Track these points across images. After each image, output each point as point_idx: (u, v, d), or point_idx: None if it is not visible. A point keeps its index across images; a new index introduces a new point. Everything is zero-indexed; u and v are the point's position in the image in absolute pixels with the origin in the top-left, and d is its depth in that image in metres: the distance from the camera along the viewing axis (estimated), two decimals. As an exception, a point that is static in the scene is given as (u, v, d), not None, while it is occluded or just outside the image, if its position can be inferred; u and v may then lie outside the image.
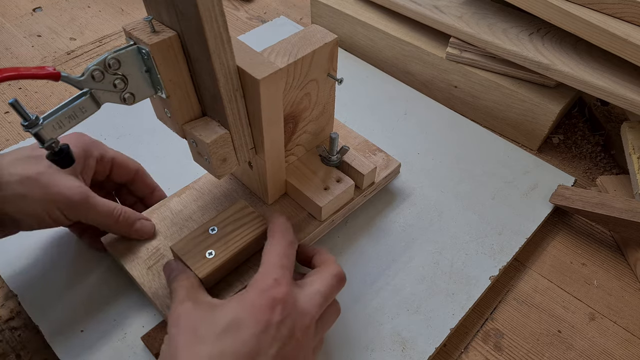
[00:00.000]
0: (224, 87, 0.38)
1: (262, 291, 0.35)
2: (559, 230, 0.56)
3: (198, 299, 0.38)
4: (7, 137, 0.63)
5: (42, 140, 0.35)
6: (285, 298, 0.35)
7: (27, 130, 0.34)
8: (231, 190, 0.52)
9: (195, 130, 0.41)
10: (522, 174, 0.59)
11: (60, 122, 0.35)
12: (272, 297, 0.35)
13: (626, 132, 0.58)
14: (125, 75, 0.37)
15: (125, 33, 0.38)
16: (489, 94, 0.65)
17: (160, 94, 0.39)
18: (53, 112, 0.35)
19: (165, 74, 0.38)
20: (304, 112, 0.47)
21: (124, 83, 0.37)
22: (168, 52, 0.37)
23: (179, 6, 0.34)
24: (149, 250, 0.46)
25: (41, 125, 0.34)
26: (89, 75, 0.35)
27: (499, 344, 0.47)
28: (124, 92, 0.38)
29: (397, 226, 0.53)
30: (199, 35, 0.35)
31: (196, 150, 0.42)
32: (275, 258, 0.39)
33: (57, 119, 0.35)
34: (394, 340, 0.44)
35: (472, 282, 0.49)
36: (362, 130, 0.60)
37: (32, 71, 0.33)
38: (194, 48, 0.36)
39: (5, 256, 0.49)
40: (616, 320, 0.49)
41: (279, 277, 0.37)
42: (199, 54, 0.36)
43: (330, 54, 0.44)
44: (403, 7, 0.68)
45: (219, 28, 0.35)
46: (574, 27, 0.55)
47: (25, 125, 0.33)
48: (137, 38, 0.36)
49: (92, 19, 0.83)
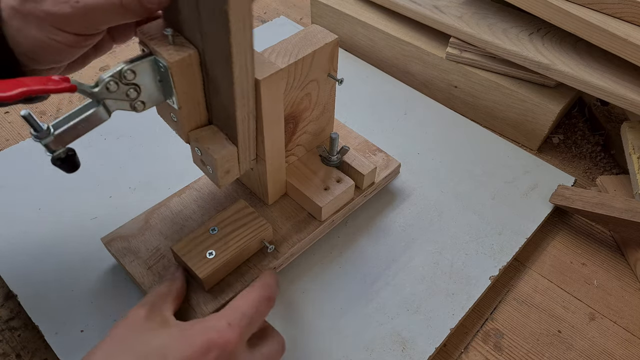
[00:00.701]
0: (240, 109, 0.38)
1: (206, 329, 0.33)
2: (559, 230, 0.56)
3: (157, 310, 0.36)
4: (7, 137, 0.63)
5: (52, 150, 0.34)
6: (225, 346, 0.33)
7: (37, 140, 0.33)
8: (231, 190, 0.52)
9: (202, 141, 0.40)
10: (522, 174, 0.59)
11: (71, 131, 0.35)
12: (212, 340, 0.32)
13: (626, 132, 0.58)
14: (139, 85, 0.37)
15: (139, 40, 0.37)
16: (489, 94, 0.65)
17: (171, 103, 0.39)
18: (63, 120, 0.34)
19: (181, 88, 0.37)
20: (305, 113, 0.47)
21: (136, 92, 0.37)
22: (187, 69, 0.36)
23: (207, 32, 0.34)
24: (149, 250, 0.46)
25: (52, 136, 0.34)
26: (103, 87, 0.35)
27: (499, 344, 0.47)
28: (135, 100, 0.37)
29: (397, 226, 0.53)
30: (224, 63, 0.34)
31: (199, 157, 0.42)
32: (243, 303, 0.36)
33: (68, 129, 0.35)
34: (394, 340, 0.44)
35: (472, 282, 0.49)
36: (362, 130, 0.60)
37: (48, 86, 0.32)
38: (215, 70, 0.36)
39: (5, 256, 0.49)
40: (616, 320, 0.49)
41: (233, 323, 0.34)
42: (219, 77, 0.36)
43: (330, 54, 0.44)
44: (403, 7, 0.68)
45: (246, 61, 0.35)
46: (573, 27, 0.55)
47: (35, 136, 0.33)
48: (154, 50, 0.36)
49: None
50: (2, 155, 0.58)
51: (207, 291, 0.43)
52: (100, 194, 0.55)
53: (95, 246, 0.48)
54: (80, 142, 0.60)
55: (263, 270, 0.44)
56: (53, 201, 0.54)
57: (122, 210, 0.52)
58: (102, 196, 0.54)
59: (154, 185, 0.56)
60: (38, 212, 0.53)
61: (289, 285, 0.48)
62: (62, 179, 0.56)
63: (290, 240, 0.47)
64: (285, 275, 0.48)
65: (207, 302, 0.43)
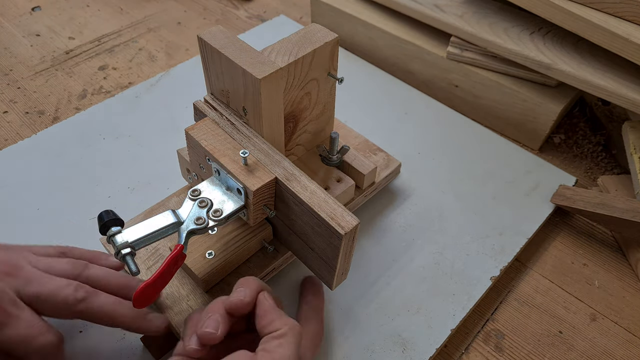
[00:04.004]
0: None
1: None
2: (560, 230, 0.56)
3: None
4: (5, 137, 0.63)
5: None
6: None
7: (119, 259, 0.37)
8: (231, 190, 0.52)
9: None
10: (523, 174, 0.59)
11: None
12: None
13: (627, 132, 0.57)
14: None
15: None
16: (489, 94, 0.64)
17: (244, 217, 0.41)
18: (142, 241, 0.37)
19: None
20: (305, 112, 0.47)
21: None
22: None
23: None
24: (148, 250, 0.46)
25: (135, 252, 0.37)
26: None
27: (500, 345, 0.47)
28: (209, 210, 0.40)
29: (397, 226, 0.53)
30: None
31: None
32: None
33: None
34: (394, 341, 0.44)
35: (473, 283, 0.49)
36: (362, 130, 0.60)
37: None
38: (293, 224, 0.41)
39: (4, 256, 0.49)
40: (617, 321, 0.49)
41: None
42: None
43: (330, 53, 0.44)
44: (404, 6, 0.68)
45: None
46: (575, 26, 0.55)
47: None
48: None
49: (91, 18, 0.83)
50: (1, 155, 0.58)
51: (207, 291, 0.43)
52: (100, 194, 0.54)
53: (95, 246, 0.48)
54: (80, 142, 0.60)
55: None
56: (52, 201, 0.54)
57: (121, 210, 0.52)
58: (101, 196, 0.54)
59: (153, 185, 0.55)
60: (37, 212, 0.53)
61: (290, 287, 0.48)
62: (61, 179, 0.56)
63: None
64: (285, 276, 0.48)
65: (206, 303, 0.43)
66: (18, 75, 0.72)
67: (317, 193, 0.37)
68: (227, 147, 0.40)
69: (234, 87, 0.41)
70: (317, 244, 0.39)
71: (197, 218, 0.38)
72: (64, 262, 0.39)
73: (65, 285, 0.37)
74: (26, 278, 0.36)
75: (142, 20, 0.83)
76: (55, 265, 0.39)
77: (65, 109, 0.67)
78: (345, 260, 0.38)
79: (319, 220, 0.36)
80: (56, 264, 0.39)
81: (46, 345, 0.35)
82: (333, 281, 0.40)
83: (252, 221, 0.40)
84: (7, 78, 0.71)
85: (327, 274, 0.40)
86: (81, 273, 0.39)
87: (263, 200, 0.39)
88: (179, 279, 0.44)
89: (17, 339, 0.34)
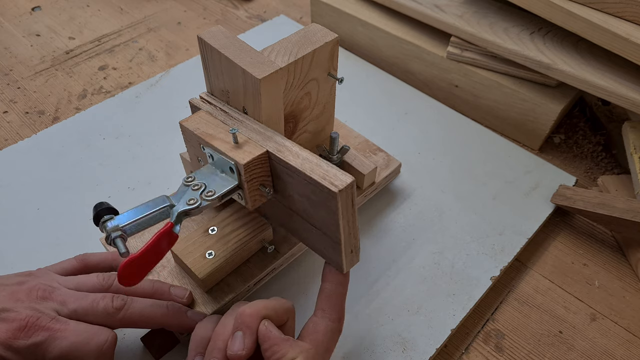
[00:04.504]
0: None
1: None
2: (560, 230, 0.56)
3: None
4: (5, 137, 0.63)
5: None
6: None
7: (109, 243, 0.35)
8: (231, 190, 0.51)
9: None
10: (523, 174, 0.59)
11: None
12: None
13: (628, 132, 0.57)
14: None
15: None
16: (489, 94, 0.64)
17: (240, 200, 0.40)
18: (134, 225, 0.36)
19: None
20: (304, 112, 0.47)
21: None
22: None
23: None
24: (148, 250, 0.46)
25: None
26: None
27: (500, 345, 0.47)
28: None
29: (397, 226, 0.53)
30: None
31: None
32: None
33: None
34: (394, 341, 0.44)
35: (473, 283, 0.49)
36: (362, 130, 0.60)
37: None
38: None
39: (6, 256, 0.49)
40: (617, 321, 0.49)
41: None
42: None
43: (330, 53, 0.44)
44: (404, 6, 0.68)
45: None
46: (575, 26, 0.55)
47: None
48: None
49: (91, 18, 0.83)
50: (1, 155, 0.58)
51: (207, 292, 0.43)
52: (100, 194, 0.54)
53: (95, 246, 0.48)
54: (80, 142, 0.60)
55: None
56: (52, 201, 0.54)
57: (121, 210, 0.52)
58: (101, 196, 0.54)
59: (153, 185, 0.55)
60: (37, 212, 0.53)
61: (290, 287, 0.48)
62: (61, 179, 0.56)
63: (290, 241, 0.47)
64: (285, 276, 0.48)
65: (206, 303, 0.43)
66: (18, 75, 0.72)
67: (309, 159, 0.36)
68: (219, 131, 0.40)
69: (234, 87, 0.41)
70: (318, 218, 0.37)
71: (190, 199, 0.37)
72: (92, 277, 0.40)
73: (101, 298, 0.37)
74: (62, 298, 0.37)
75: (142, 20, 0.83)
76: (85, 281, 0.39)
77: (65, 109, 0.67)
78: (349, 230, 0.36)
79: (314, 185, 0.35)
80: (86, 280, 0.39)
81: (101, 345, 0.36)
82: (342, 259, 0.37)
83: (250, 204, 0.39)
84: (7, 78, 0.71)
85: (333, 252, 0.38)
86: (112, 284, 0.39)
87: (257, 177, 0.38)
88: (179, 279, 0.44)
89: (72, 348, 0.35)
